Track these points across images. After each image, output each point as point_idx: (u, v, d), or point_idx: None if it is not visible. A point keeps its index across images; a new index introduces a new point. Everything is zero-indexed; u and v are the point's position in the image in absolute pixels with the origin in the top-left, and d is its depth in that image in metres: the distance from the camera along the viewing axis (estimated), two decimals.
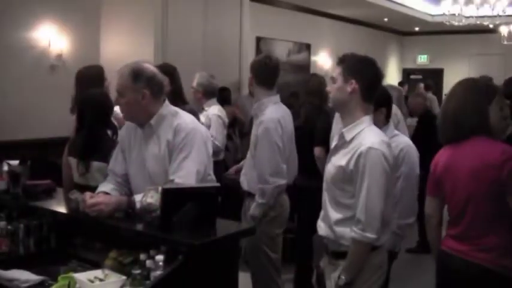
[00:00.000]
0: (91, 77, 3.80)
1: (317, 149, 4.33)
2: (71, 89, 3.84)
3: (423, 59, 16.08)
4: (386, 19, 13.18)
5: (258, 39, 9.85)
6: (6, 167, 3.07)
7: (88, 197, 2.58)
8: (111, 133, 3.39)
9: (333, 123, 3.81)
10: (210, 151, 2.80)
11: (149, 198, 2.38)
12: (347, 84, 2.46)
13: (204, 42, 6.96)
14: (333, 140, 2.66)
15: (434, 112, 6.92)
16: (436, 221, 2.65)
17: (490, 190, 2.41)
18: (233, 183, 4.06)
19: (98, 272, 2.33)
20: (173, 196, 2.34)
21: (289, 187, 3.66)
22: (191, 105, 4.40)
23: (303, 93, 5.00)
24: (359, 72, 2.47)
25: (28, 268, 2.55)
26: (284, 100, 3.86)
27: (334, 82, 2.51)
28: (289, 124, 3.66)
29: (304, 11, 11.01)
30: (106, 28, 6.27)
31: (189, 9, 6.81)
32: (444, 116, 2.59)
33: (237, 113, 6.86)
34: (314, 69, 11.10)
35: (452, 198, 2.54)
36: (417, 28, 14.93)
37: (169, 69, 3.96)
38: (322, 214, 2.61)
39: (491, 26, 11.56)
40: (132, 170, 2.82)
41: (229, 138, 5.86)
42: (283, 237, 3.80)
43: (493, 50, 13.94)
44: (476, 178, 2.43)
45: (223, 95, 6.27)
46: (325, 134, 4.12)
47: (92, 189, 2.82)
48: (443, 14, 11.49)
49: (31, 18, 5.43)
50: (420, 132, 5.88)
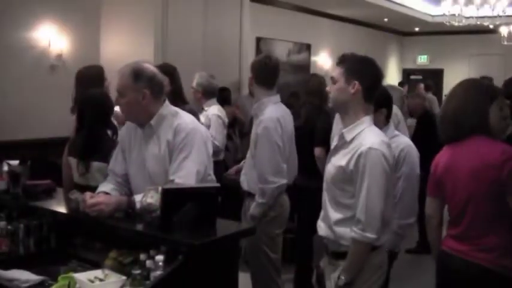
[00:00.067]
0: (91, 77, 3.80)
1: (317, 149, 4.33)
2: (71, 89, 3.84)
3: (423, 59, 16.06)
4: (386, 19, 13.17)
5: (258, 39, 9.85)
6: (6, 167, 3.07)
7: (88, 197, 2.58)
8: (111, 133, 3.39)
9: (334, 123, 3.81)
10: (210, 151, 2.80)
11: (149, 198, 2.38)
12: (349, 85, 2.46)
13: (204, 42, 6.95)
14: (333, 140, 2.66)
15: (434, 112, 6.90)
16: (437, 222, 2.66)
17: (490, 190, 2.42)
18: (233, 183, 4.06)
19: (98, 272, 2.33)
20: (173, 196, 2.34)
21: (289, 187, 3.66)
22: (191, 105, 4.40)
23: (303, 93, 5.00)
24: (361, 73, 2.47)
25: (28, 268, 2.55)
26: (284, 100, 3.86)
27: (334, 82, 2.51)
28: (289, 124, 3.66)
29: (304, 11, 11.01)
30: (106, 28, 6.27)
31: (189, 9, 6.80)
32: (444, 115, 2.60)
33: (237, 113, 6.85)
34: (314, 69, 11.09)
35: (452, 198, 2.54)
36: (417, 28, 14.93)
37: (169, 69, 3.96)
38: (322, 214, 2.61)
39: (491, 27, 11.55)
40: (132, 170, 2.82)
41: (229, 138, 5.86)
42: (283, 237, 3.80)
43: (493, 51, 13.93)
44: (476, 178, 2.43)
45: (223, 95, 6.26)
46: (325, 134, 4.12)
47: (92, 189, 2.82)
48: (443, 15, 11.47)
49: (31, 18, 5.43)
50: (419, 133, 5.87)
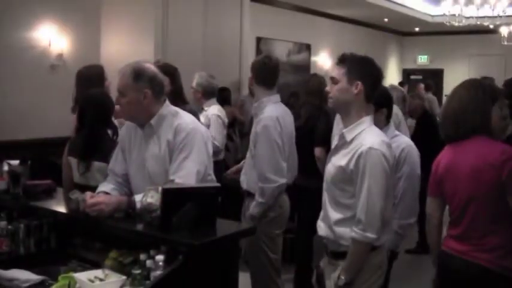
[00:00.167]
0: (91, 77, 3.80)
1: (317, 150, 4.32)
2: (71, 89, 3.83)
3: (423, 60, 16.07)
4: (386, 19, 13.18)
5: (258, 39, 9.85)
6: (6, 167, 3.07)
7: (88, 197, 2.58)
8: (111, 133, 3.39)
9: (334, 123, 3.81)
10: (211, 151, 2.80)
11: (149, 198, 2.38)
12: (352, 85, 2.45)
13: (204, 42, 6.95)
14: (334, 140, 2.66)
15: (434, 113, 6.89)
16: (437, 222, 2.66)
17: (491, 190, 2.42)
18: (233, 183, 4.06)
19: (98, 272, 2.33)
20: (173, 196, 2.34)
21: (289, 187, 3.66)
22: (191, 105, 4.40)
23: (303, 93, 5.00)
24: (363, 73, 2.47)
25: (28, 268, 2.55)
26: (284, 100, 3.86)
27: (335, 82, 2.50)
28: (289, 124, 3.65)
29: (304, 11, 11.01)
30: (106, 28, 6.27)
31: (189, 9, 6.80)
32: (445, 115, 2.60)
33: (237, 113, 6.85)
34: (314, 69, 11.09)
35: (453, 198, 2.54)
36: (417, 28, 14.93)
37: (169, 69, 3.96)
38: (322, 214, 2.61)
39: (491, 27, 11.56)
40: (132, 170, 2.82)
41: (229, 138, 5.86)
42: (283, 237, 3.80)
43: (493, 51, 13.94)
44: (476, 178, 2.43)
45: (223, 95, 6.26)
46: (325, 135, 4.12)
47: (92, 189, 2.82)
48: (443, 15, 11.48)
49: (31, 18, 5.44)
50: (419, 133, 5.86)
